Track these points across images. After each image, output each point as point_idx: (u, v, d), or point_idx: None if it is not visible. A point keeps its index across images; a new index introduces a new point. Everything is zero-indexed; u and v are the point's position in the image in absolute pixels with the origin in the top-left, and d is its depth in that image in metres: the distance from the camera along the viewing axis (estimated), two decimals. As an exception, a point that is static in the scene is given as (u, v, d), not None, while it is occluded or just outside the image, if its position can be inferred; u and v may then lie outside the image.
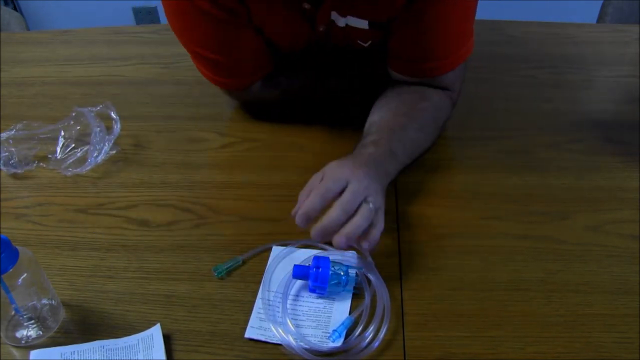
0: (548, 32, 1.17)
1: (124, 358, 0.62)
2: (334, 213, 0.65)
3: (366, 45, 0.86)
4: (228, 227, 0.77)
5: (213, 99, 0.99)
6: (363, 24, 0.80)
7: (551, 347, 0.62)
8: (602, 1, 1.43)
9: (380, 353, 0.62)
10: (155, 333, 0.64)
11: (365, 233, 0.66)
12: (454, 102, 0.88)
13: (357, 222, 0.65)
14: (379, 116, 0.82)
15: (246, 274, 0.71)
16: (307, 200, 0.66)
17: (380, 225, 0.67)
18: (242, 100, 0.97)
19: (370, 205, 0.66)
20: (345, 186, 0.66)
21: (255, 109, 0.97)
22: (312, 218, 0.66)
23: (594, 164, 0.85)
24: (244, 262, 0.72)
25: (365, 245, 0.66)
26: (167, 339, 0.64)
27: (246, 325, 0.65)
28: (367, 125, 0.83)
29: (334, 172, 0.69)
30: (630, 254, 0.72)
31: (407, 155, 0.80)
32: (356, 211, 0.65)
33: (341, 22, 0.81)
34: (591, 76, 1.04)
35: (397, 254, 0.72)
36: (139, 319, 0.66)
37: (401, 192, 0.81)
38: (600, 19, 1.42)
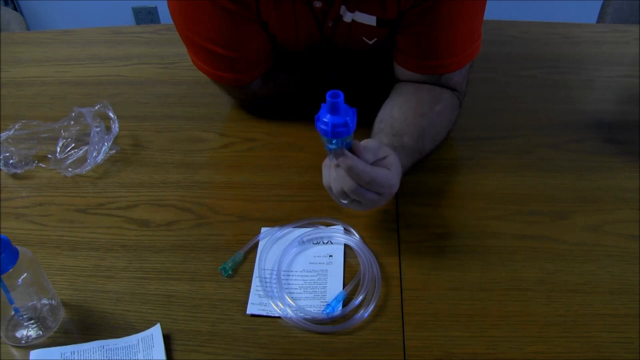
0: (548, 32, 1.16)
1: (124, 358, 0.62)
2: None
3: (371, 43, 0.85)
4: (228, 227, 0.77)
5: (213, 99, 0.99)
6: (371, 20, 0.81)
7: (551, 347, 0.62)
8: (602, 1, 1.43)
9: (380, 351, 0.62)
10: (155, 333, 0.64)
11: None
12: (460, 104, 0.88)
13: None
14: (399, 113, 0.81)
15: (246, 274, 0.71)
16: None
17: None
18: (240, 97, 0.96)
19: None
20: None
21: (253, 107, 0.97)
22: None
23: (594, 164, 0.85)
24: (245, 257, 0.73)
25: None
26: (167, 339, 0.64)
27: (246, 323, 0.65)
28: (386, 117, 0.82)
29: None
30: (630, 254, 0.72)
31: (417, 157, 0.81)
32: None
33: (348, 16, 0.81)
34: (591, 76, 1.04)
35: (397, 254, 0.72)
36: (139, 319, 0.66)
37: (401, 192, 0.81)
38: (600, 19, 1.42)
